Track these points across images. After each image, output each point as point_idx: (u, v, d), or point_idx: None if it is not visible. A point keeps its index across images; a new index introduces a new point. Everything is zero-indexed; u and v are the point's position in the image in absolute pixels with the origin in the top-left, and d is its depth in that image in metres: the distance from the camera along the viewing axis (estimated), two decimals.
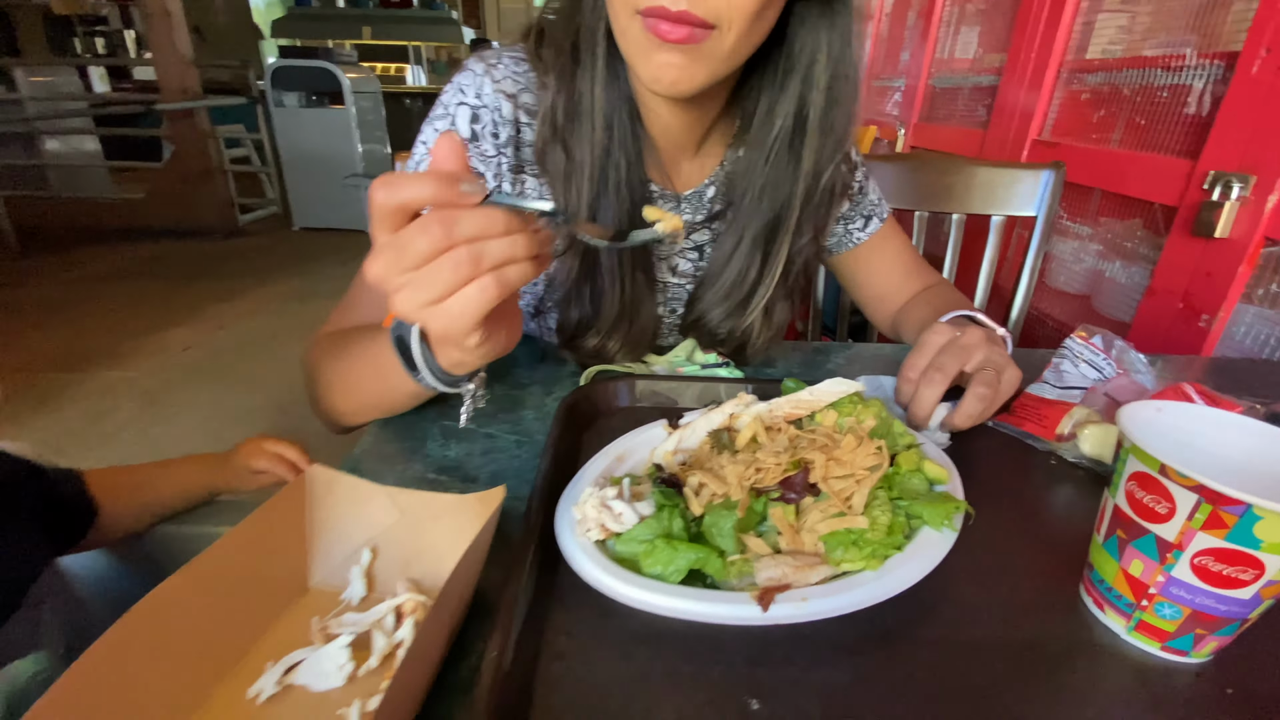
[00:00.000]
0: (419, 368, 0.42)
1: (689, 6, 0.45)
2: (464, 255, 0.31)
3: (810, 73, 0.56)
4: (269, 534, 0.35)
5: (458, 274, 0.31)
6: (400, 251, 0.31)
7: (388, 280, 0.32)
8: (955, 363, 0.50)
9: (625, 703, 0.30)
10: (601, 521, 0.37)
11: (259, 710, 0.30)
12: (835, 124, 0.58)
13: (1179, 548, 0.30)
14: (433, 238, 0.31)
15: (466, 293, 0.32)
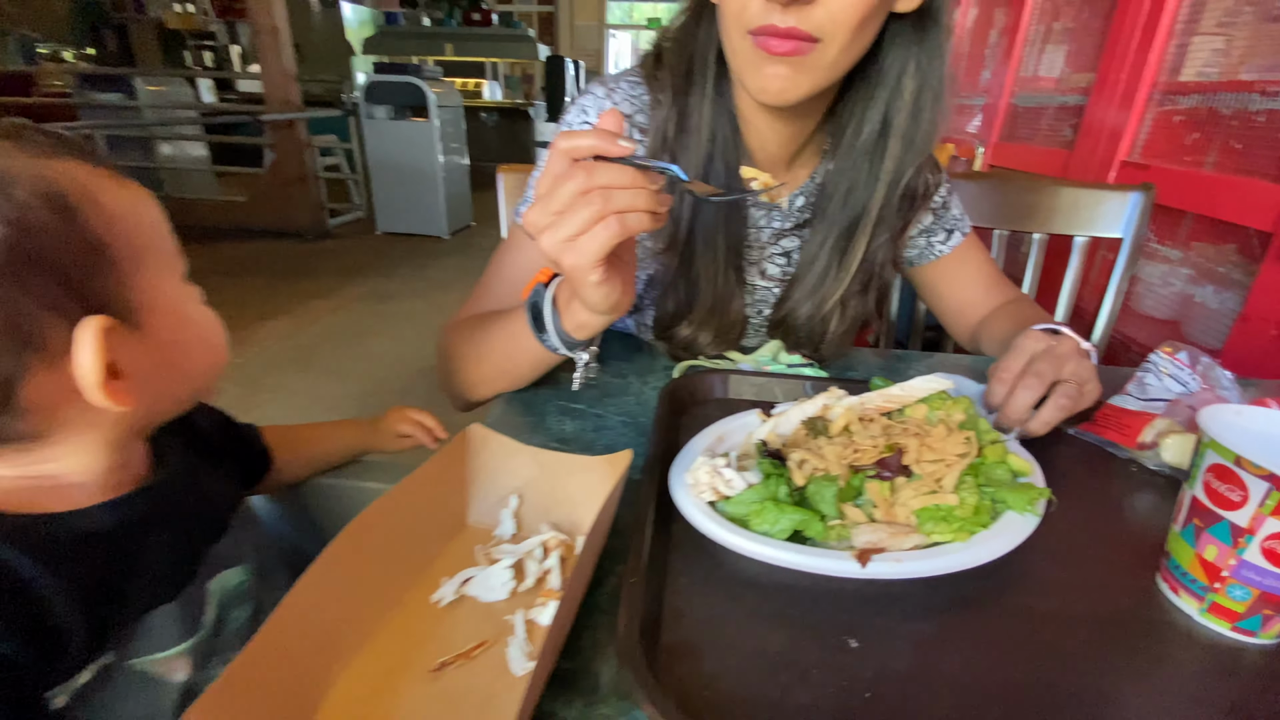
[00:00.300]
0: (547, 329, 0.51)
1: (797, 22, 0.50)
2: (596, 198, 0.40)
3: (899, 85, 0.61)
4: (439, 479, 0.42)
5: (590, 212, 0.40)
6: (550, 198, 0.41)
7: (538, 221, 0.42)
8: (1051, 370, 0.51)
9: (738, 633, 0.36)
10: (714, 485, 0.42)
11: (441, 612, 0.37)
12: (917, 133, 0.62)
13: (1250, 532, 0.33)
14: (576, 183, 0.40)
15: (595, 231, 0.41)
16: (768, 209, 0.72)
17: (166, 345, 0.36)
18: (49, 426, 0.33)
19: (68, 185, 0.31)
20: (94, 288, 0.32)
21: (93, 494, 0.36)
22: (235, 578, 0.44)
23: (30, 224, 0.29)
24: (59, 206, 0.31)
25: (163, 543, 0.38)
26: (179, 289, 0.38)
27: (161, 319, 0.35)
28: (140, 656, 0.37)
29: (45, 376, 0.31)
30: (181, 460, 0.42)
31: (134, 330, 0.34)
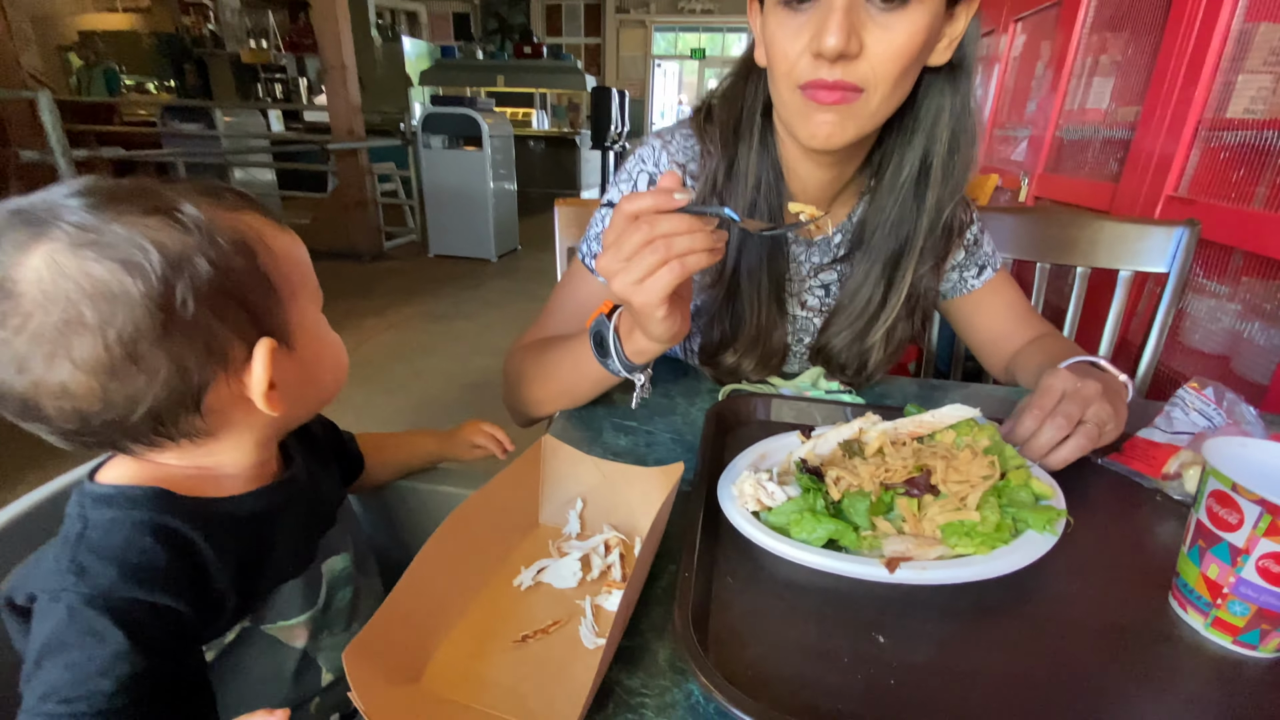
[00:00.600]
0: (610, 355, 0.58)
1: (843, 75, 0.56)
2: (660, 246, 0.47)
3: (934, 129, 0.67)
4: (517, 482, 0.49)
5: (654, 258, 0.47)
6: (619, 247, 0.48)
7: (610, 267, 0.49)
8: (1078, 410, 0.55)
9: (779, 626, 0.41)
10: (757, 497, 0.47)
11: (521, 595, 0.43)
12: (955, 170, 0.68)
13: (1246, 552, 0.37)
14: (641, 234, 0.47)
15: (660, 274, 0.48)
16: (807, 245, 0.77)
17: (308, 363, 0.44)
18: (219, 426, 0.41)
19: (250, 233, 0.40)
20: (265, 315, 0.40)
21: (240, 484, 0.44)
22: (340, 563, 0.51)
23: (227, 265, 0.37)
24: (245, 250, 0.39)
25: (291, 527, 0.46)
26: (318, 317, 0.46)
27: (306, 341, 0.43)
28: (271, 623, 0.44)
29: (223, 386, 0.39)
30: (303, 460, 0.50)
31: (288, 350, 0.41)
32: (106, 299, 0.34)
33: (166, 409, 0.38)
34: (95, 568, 0.36)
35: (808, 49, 0.56)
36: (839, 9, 0.53)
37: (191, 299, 0.36)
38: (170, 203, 0.37)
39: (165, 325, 0.35)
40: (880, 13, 0.55)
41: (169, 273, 0.35)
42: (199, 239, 0.37)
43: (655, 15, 9.99)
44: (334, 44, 4.20)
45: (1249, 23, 1.34)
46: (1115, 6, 1.80)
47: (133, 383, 0.36)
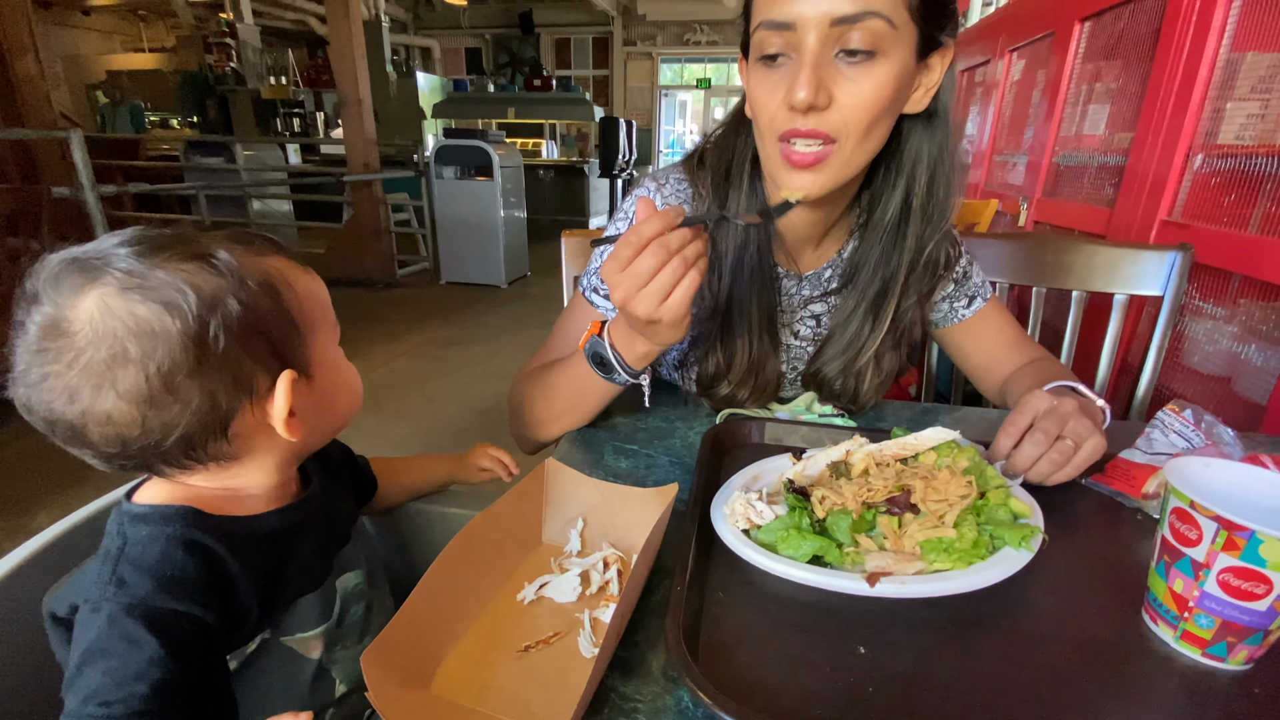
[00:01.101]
0: (615, 369, 0.63)
1: (816, 125, 0.60)
2: (677, 262, 0.53)
3: (914, 173, 0.70)
4: (522, 502, 0.52)
5: (671, 275, 0.53)
6: (634, 276, 0.53)
7: (628, 298, 0.54)
8: (1055, 427, 0.58)
9: (766, 637, 0.43)
10: (748, 516, 0.50)
11: (525, 608, 0.46)
12: (933, 211, 0.72)
13: (1207, 567, 0.39)
14: (656, 257, 0.52)
15: (682, 285, 0.53)
16: (799, 279, 0.81)
17: (326, 392, 0.47)
18: (243, 450, 0.44)
19: (276, 275, 0.44)
20: (288, 349, 0.44)
21: (263, 504, 0.47)
22: (354, 580, 0.54)
23: (255, 304, 0.41)
24: (271, 290, 0.43)
25: (310, 544, 0.49)
26: (335, 350, 0.49)
27: (324, 373, 0.47)
28: (290, 634, 0.47)
29: (248, 414, 0.43)
30: (320, 481, 0.53)
31: (307, 381, 0.45)
32: (149, 336, 0.38)
33: (197, 435, 0.41)
34: (134, 579, 0.39)
35: (784, 102, 0.60)
36: (807, 65, 0.58)
37: (223, 335, 0.40)
38: (206, 249, 0.41)
39: (199, 359, 0.40)
40: (848, 66, 0.58)
41: (204, 312, 0.39)
42: (231, 282, 0.41)
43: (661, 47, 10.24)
44: (350, 80, 4.35)
45: (1235, 52, 1.38)
46: (1107, 36, 1.85)
47: (169, 411, 0.40)
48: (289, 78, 8.87)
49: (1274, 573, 0.37)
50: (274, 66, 8.87)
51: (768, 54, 0.60)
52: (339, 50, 4.33)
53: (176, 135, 7.64)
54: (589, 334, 0.66)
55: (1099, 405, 0.66)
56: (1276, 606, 0.38)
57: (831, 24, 0.56)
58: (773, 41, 0.59)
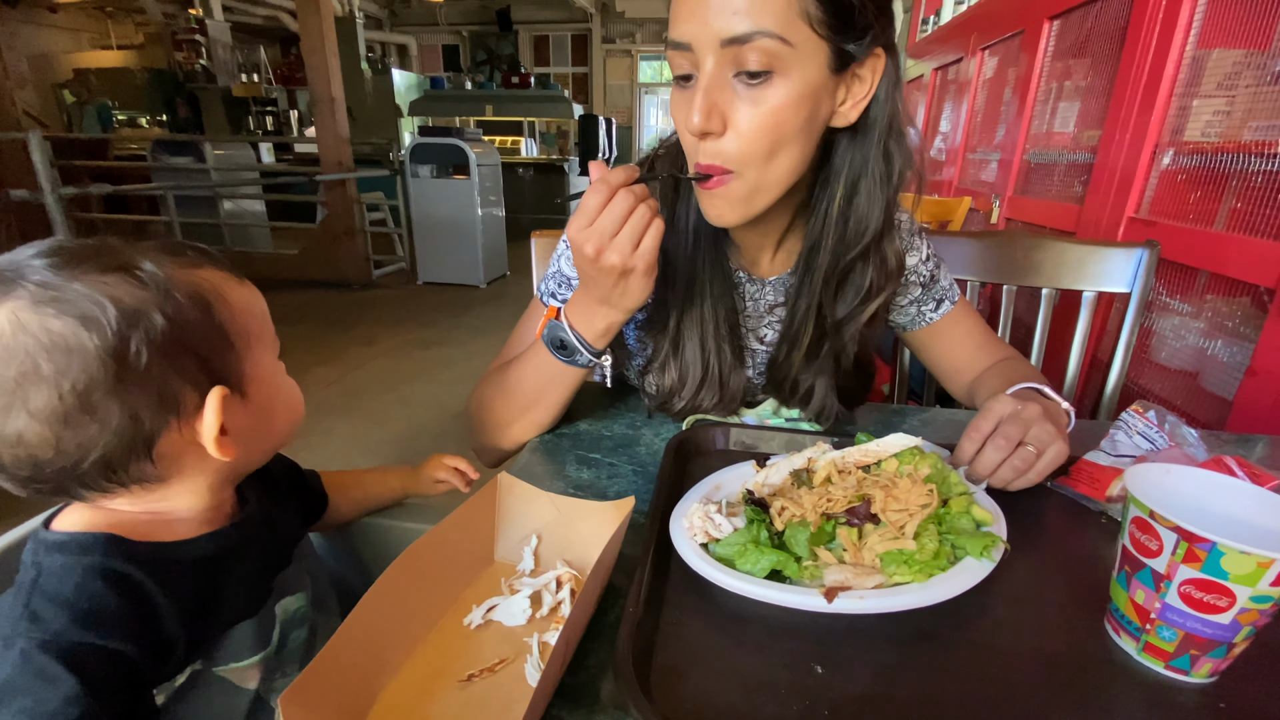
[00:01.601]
0: (577, 349, 0.63)
1: (712, 158, 0.58)
2: (644, 209, 0.55)
3: (847, 178, 0.65)
4: (472, 520, 0.50)
5: (640, 221, 0.55)
6: (606, 224, 0.55)
7: (601, 247, 0.55)
8: (1018, 433, 0.56)
9: (721, 658, 0.41)
10: (705, 529, 0.49)
11: (471, 634, 0.44)
12: (852, 224, 0.67)
13: (1168, 578, 0.38)
14: (626, 202, 0.55)
15: (650, 232, 0.56)
16: (761, 285, 0.78)
17: (262, 409, 0.45)
18: (171, 472, 0.42)
19: (207, 287, 0.42)
20: (219, 364, 0.42)
21: (194, 528, 0.45)
22: (295, 603, 0.51)
23: (182, 318, 0.39)
24: (201, 303, 0.41)
25: (246, 569, 0.46)
26: (274, 364, 0.47)
27: (260, 389, 0.44)
28: (223, 665, 0.44)
29: (176, 433, 0.40)
30: (259, 500, 0.51)
31: (241, 398, 0.43)
32: (63, 352, 0.36)
33: (118, 456, 0.39)
34: (48, 613, 0.37)
35: (685, 127, 0.58)
36: (700, 89, 0.55)
37: (145, 350, 0.38)
38: (130, 261, 0.39)
39: (119, 375, 0.37)
40: (746, 89, 0.55)
41: (124, 326, 0.37)
42: (155, 294, 0.39)
43: (641, 45, 10.21)
44: (323, 77, 4.27)
45: (1201, 49, 1.40)
46: (1075, 33, 1.86)
47: (85, 431, 0.38)
48: (261, 75, 8.68)
49: (1236, 585, 0.36)
50: (245, 64, 8.67)
51: (678, 75, 0.59)
52: (310, 46, 4.24)
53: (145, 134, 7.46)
54: (546, 319, 0.65)
55: (1064, 408, 0.65)
56: (1240, 619, 0.37)
57: (722, 45, 0.53)
58: (678, 62, 0.58)
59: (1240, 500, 0.42)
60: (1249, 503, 0.42)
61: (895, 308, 0.84)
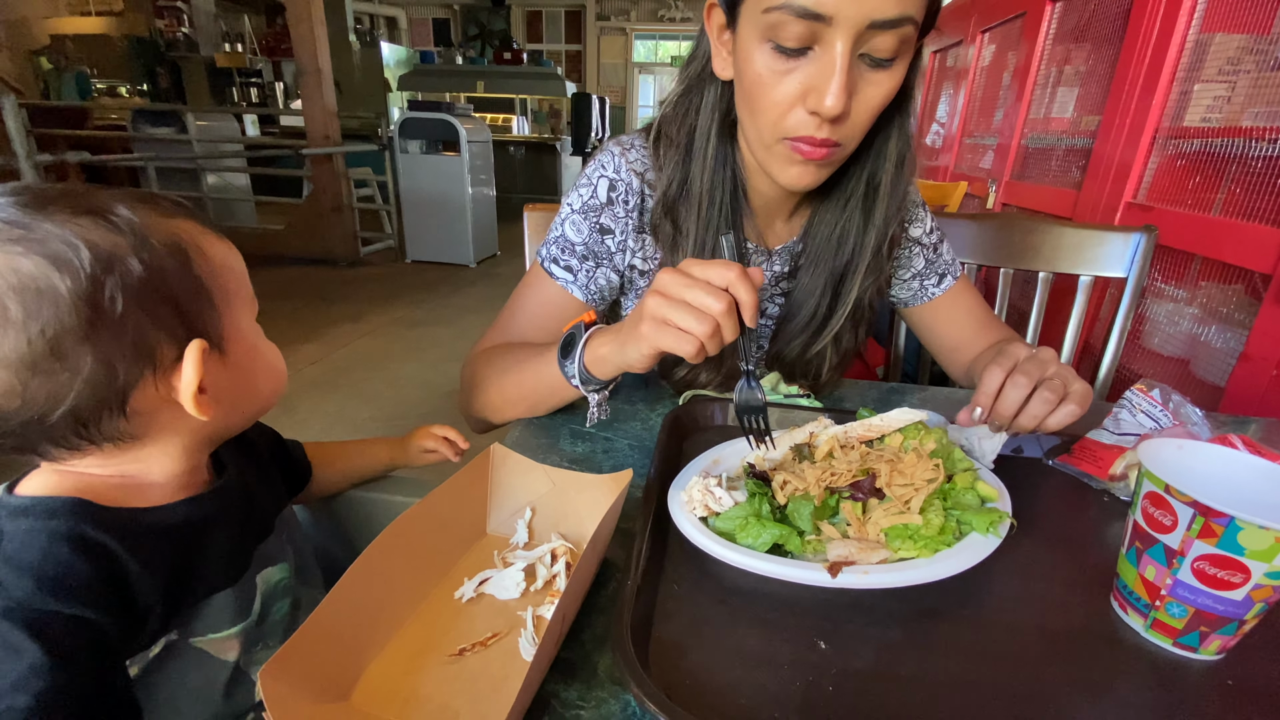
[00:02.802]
0: (572, 358, 0.58)
1: (830, 134, 0.58)
2: (711, 320, 0.47)
3: (883, 150, 0.68)
4: (464, 491, 0.48)
5: (704, 327, 0.47)
6: (692, 288, 0.47)
7: (671, 291, 0.48)
8: (1036, 371, 0.54)
9: (722, 633, 0.40)
10: (705, 503, 0.47)
11: (462, 607, 0.42)
12: (901, 186, 0.70)
13: (1181, 554, 0.37)
14: (721, 302, 0.47)
15: (693, 338, 0.48)
16: (768, 255, 0.77)
17: (241, 369, 0.43)
18: (144, 430, 0.40)
19: (185, 238, 0.39)
20: (197, 318, 0.40)
21: (168, 493, 0.42)
22: (277, 574, 0.49)
23: (160, 266, 0.37)
24: (179, 253, 0.39)
25: (223, 538, 0.44)
26: (253, 325, 0.45)
27: (239, 348, 0.42)
28: (200, 636, 0.42)
29: (151, 387, 0.38)
30: (238, 468, 0.49)
31: (220, 355, 0.41)
32: (33, 294, 0.34)
33: (90, 409, 0.37)
34: (10, 580, 0.35)
35: (802, 104, 0.56)
36: (842, 70, 0.53)
37: (121, 297, 0.36)
38: (103, 205, 0.37)
39: (92, 322, 0.35)
40: (869, 70, 0.55)
41: (98, 270, 0.35)
42: (131, 240, 0.37)
43: (636, 23, 10.05)
44: (309, 48, 4.16)
45: (1205, 33, 1.38)
46: (1077, 17, 1.84)
47: (55, 379, 0.36)
48: (245, 45, 8.46)
49: (1252, 561, 0.35)
50: (229, 33, 8.44)
51: (788, 46, 0.54)
52: (296, 16, 4.12)
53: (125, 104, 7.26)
54: (579, 319, 0.61)
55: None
56: (1254, 595, 0.36)
57: (869, 26, 0.52)
58: (796, 31, 0.53)
59: (1253, 476, 0.41)
60: (1262, 479, 0.41)
61: (898, 281, 0.83)
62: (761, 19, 0.55)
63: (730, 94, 0.67)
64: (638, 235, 0.74)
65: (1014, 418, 0.54)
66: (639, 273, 0.76)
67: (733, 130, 0.69)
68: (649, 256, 0.75)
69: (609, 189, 0.72)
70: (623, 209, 0.73)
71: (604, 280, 0.74)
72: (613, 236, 0.73)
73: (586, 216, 0.73)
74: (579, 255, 0.73)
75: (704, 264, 0.48)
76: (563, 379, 0.60)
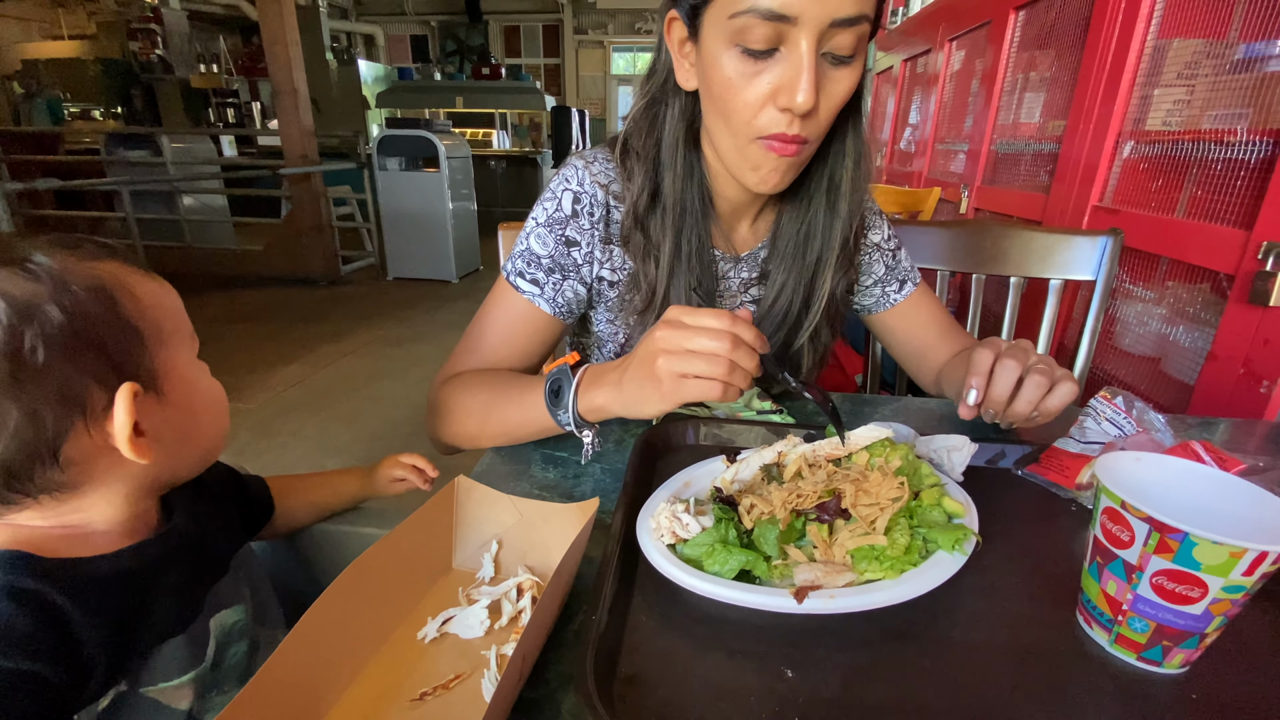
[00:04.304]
0: (564, 406, 0.57)
1: (800, 130, 0.59)
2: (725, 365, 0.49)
3: (840, 149, 0.70)
4: (428, 526, 0.47)
5: (718, 369, 0.49)
6: (696, 337, 0.49)
7: (672, 342, 0.49)
8: (1022, 357, 0.58)
9: (690, 664, 0.40)
10: (673, 529, 0.47)
11: (425, 648, 0.41)
12: (860, 181, 0.72)
13: (1140, 569, 0.38)
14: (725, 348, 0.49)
15: (702, 384, 0.49)
16: (735, 261, 0.78)
17: (181, 409, 0.42)
18: (82, 479, 0.39)
19: (110, 281, 0.39)
20: (128, 361, 0.39)
21: (113, 541, 0.42)
22: (232, 617, 0.48)
23: (82, 312, 0.37)
24: (103, 296, 0.38)
25: (173, 583, 0.43)
26: (192, 364, 0.44)
27: (177, 387, 0.42)
28: (152, 685, 0.41)
29: (84, 435, 0.37)
30: (188, 510, 0.48)
31: (157, 397, 0.40)
32: None
33: (20, 462, 0.36)
34: None
35: (773, 102, 0.58)
36: (810, 66, 0.55)
37: (42, 347, 0.35)
38: (20, 254, 0.36)
39: (14, 375, 0.35)
40: (831, 68, 0.58)
41: (16, 321, 0.35)
42: (50, 287, 0.36)
43: (613, 36, 10.13)
44: (284, 68, 4.15)
45: (1163, 38, 1.41)
46: (1040, 24, 1.88)
47: None
48: (221, 66, 8.41)
49: (1209, 575, 0.35)
50: (205, 54, 8.39)
51: (756, 48, 0.56)
52: (271, 36, 4.11)
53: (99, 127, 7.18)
54: (562, 361, 0.60)
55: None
56: (1212, 610, 0.36)
57: (831, 25, 0.54)
58: (763, 33, 0.55)
59: (1210, 487, 0.41)
60: (1219, 490, 0.41)
61: (860, 289, 0.85)
62: (727, 25, 0.57)
63: (694, 104, 0.68)
64: (604, 246, 0.74)
65: (1009, 403, 0.57)
66: (608, 284, 0.77)
67: (696, 139, 0.71)
68: (617, 267, 0.76)
69: (573, 201, 0.73)
70: (588, 220, 0.73)
71: (571, 293, 0.74)
72: (579, 248, 0.73)
73: (552, 229, 0.73)
74: (545, 268, 0.73)
75: (693, 312, 0.50)
76: (549, 420, 0.60)
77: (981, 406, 0.60)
